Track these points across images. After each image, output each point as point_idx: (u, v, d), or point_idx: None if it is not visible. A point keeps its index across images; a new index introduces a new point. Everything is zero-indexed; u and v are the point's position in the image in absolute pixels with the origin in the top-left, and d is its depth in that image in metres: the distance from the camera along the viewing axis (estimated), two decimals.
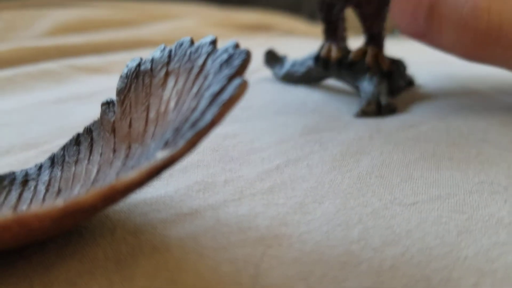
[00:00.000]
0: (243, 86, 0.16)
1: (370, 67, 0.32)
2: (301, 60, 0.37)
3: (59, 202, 0.15)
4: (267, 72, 0.38)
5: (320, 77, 0.36)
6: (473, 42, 0.25)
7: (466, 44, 0.25)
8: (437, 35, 0.27)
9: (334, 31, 0.34)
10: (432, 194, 0.19)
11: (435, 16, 0.26)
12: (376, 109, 0.29)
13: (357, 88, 0.33)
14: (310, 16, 0.92)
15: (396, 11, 0.28)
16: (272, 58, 0.39)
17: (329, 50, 0.34)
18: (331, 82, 0.37)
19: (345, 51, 0.34)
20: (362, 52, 0.33)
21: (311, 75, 0.36)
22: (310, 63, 0.35)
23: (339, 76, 0.34)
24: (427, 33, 0.27)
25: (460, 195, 0.19)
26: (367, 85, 0.31)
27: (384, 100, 0.30)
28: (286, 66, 0.38)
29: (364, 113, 0.29)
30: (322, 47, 0.34)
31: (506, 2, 0.24)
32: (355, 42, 0.38)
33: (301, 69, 0.36)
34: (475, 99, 0.31)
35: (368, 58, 0.32)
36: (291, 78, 0.37)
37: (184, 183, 0.21)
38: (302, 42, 0.65)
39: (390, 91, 0.32)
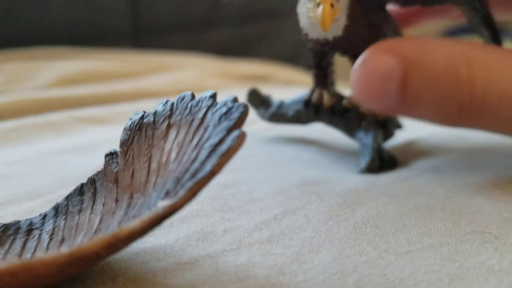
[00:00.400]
0: (241, 138, 0.17)
1: (364, 116, 0.32)
2: (289, 102, 0.36)
3: (65, 249, 0.15)
4: (265, 124, 0.39)
5: (310, 121, 0.35)
6: (455, 114, 0.23)
7: (447, 115, 0.23)
8: (413, 108, 0.23)
9: (324, 77, 0.33)
10: (425, 243, 0.20)
11: (411, 89, 0.22)
12: (379, 164, 0.29)
13: (351, 136, 0.33)
14: (308, 67, 0.94)
15: (357, 88, 0.23)
16: (256, 98, 0.38)
17: (320, 96, 0.33)
18: (326, 132, 0.37)
19: (337, 97, 0.33)
20: (352, 103, 0.32)
21: (300, 118, 0.35)
22: (300, 106, 0.34)
23: (330, 122, 0.33)
24: (400, 107, 0.23)
25: (452, 244, 0.20)
26: (365, 137, 0.31)
27: (385, 153, 0.30)
28: (273, 108, 0.37)
29: (368, 170, 0.29)
30: (312, 92, 0.34)
31: (488, 70, 0.22)
32: (342, 87, 0.39)
33: (290, 112, 0.35)
34: (470, 154, 0.32)
35: (363, 107, 0.31)
36: (279, 120, 0.36)
37: (184, 232, 0.21)
38: (300, 92, 0.66)
39: (384, 138, 0.32)
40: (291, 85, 0.73)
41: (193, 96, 0.21)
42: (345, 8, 0.26)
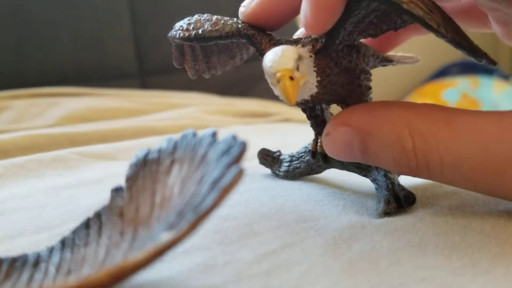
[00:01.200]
0: (240, 173, 0.18)
1: None
2: (298, 154, 0.35)
3: (72, 281, 0.16)
4: None
5: (322, 169, 0.34)
6: (411, 173, 0.25)
7: (406, 173, 0.26)
8: (378, 163, 0.27)
9: (322, 124, 0.32)
10: (418, 276, 0.20)
11: (370, 152, 0.26)
12: (396, 205, 0.28)
13: (365, 176, 0.31)
14: None
15: (329, 151, 0.28)
16: (266, 158, 0.37)
17: (322, 145, 0.32)
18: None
19: None
20: None
21: (313, 169, 0.34)
22: (309, 158, 0.34)
23: (342, 167, 0.33)
24: (368, 161, 0.27)
25: (443, 277, 0.20)
26: (378, 175, 0.30)
27: (401, 192, 0.28)
28: (285, 164, 0.36)
29: (386, 214, 0.27)
30: (316, 142, 0.32)
31: (427, 142, 0.24)
32: None
33: (301, 165, 0.35)
34: (461, 194, 0.32)
35: None
36: (293, 176, 0.36)
37: (186, 265, 0.22)
38: (299, 129, 0.67)
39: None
40: (290, 122, 0.74)
41: (195, 134, 0.22)
42: (311, 67, 0.26)
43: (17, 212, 0.31)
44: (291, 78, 0.24)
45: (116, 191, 0.23)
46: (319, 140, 0.32)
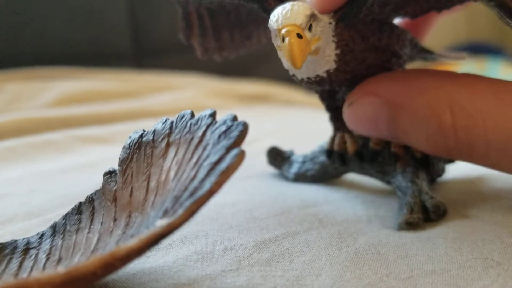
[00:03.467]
0: (240, 156, 0.17)
1: (398, 156, 0.26)
2: (311, 155, 0.31)
3: (60, 269, 0.15)
4: (265, 142, 0.39)
5: (338, 173, 0.30)
6: (445, 153, 0.22)
7: (440, 152, 0.23)
8: (407, 140, 0.23)
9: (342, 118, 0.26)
10: (427, 269, 0.19)
11: (399, 127, 0.23)
12: (422, 215, 0.24)
13: (387, 182, 0.27)
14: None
15: (351, 125, 0.25)
16: (276, 157, 0.33)
17: (342, 142, 0.28)
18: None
19: (362, 139, 0.28)
20: (381, 141, 0.27)
21: (327, 172, 0.30)
22: (323, 158, 0.30)
23: (361, 170, 0.28)
24: (395, 138, 0.24)
25: (454, 270, 0.19)
26: (402, 182, 0.25)
27: (429, 201, 0.24)
28: (296, 165, 0.32)
29: (408, 225, 0.23)
30: (333, 139, 0.29)
31: (472, 117, 0.21)
32: None
33: (314, 167, 0.30)
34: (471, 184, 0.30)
35: (395, 146, 0.26)
36: (305, 179, 0.31)
37: (182, 253, 0.21)
38: (301, 112, 0.67)
39: (430, 179, 0.27)
40: (291, 105, 0.73)
41: (192, 115, 0.21)
42: (329, 35, 0.22)
43: (8, 197, 0.30)
44: (299, 36, 0.21)
45: (109, 174, 0.22)
46: (336, 138, 0.28)
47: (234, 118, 0.19)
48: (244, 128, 0.18)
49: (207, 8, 0.29)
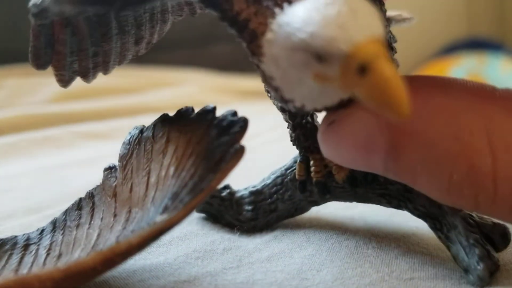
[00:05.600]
0: (240, 152, 0.17)
1: None
2: (268, 188, 0.23)
3: (61, 265, 0.15)
4: (266, 138, 0.39)
5: (318, 203, 0.23)
6: (472, 209, 0.16)
7: (462, 206, 0.16)
8: (412, 183, 0.16)
9: (312, 134, 0.21)
10: (429, 272, 0.19)
11: (402, 163, 0.16)
12: (492, 250, 0.18)
13: (399, 207, 0.21)
14: None
15: (329, 154, 0.17)
16: (209, 201, 0.24)
17: (321, 168, 0.21)
18: None
19: None
20: None
21: (300, 207, 0.23)
22: (291, 192, 0.22)
23: (352, 197, 0.22)
24: (392, 175, 0.16)
25: (457, 274, 0.19)
26: (431, 207, 0.19)
27: (493, 229, 0.19)
28: (247, 208, 0.23)
29: (492, 274, 0.18)
30: (305, 165, 0.22)
31: None
32: None
33: (279, 205, 0.23)
34: None
35: None
36: (267, 223, 0.23)
37: (183, 251, 0.21)
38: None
39: None
40: None
41: (192, 111, 0.20)
42: None
43: (8, 193, 0.30)
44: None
45: (109, 170, 0.22)
46: (311, 163, 0.21)
47: (234, 114, 0.19)
48: (244, 124, 0.18)
49: (86, 17, 0.19)
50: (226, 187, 0.24)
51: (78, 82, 0.19)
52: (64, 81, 0.21)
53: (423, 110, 0.15)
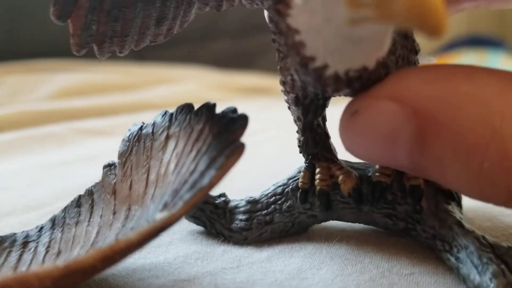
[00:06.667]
0: (240, 149, 0.17)
1: (420, 190, 0.19)
2: (266, 197, 0.22)
3: (60, 263, 0.15)
4: (266, 135, 0.39)
5: (317, 221, 0.22)
6: (502, 202, 0.15)
7: (492, 200, 0.15)
8: (438, 176, 0.16)
9: (323, 140, 0.21)
10: (429, 267, 0.19)
11: (430, 155, 0.15)
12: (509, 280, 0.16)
13: (406, 231, 0.20)
14: None
15: (350, 145, 0.17)
16: (202, 207, 0.22)
17: (327, 177, 0.20)
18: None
19: (357, 170, 0.21)
20: (390, 170, 0.19)
21: (299, 222, 0.21)
22: (291, 202, 0.21)
23: (356, 216, 0.21)
24: (418, 170, 0.16)
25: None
26: (441, 229, 0.19)
27: (507, 251, 0.17)
28: (240, 218, 0.22)
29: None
30: (310, 174, 0.21)
31: None
32: None
33: (275, 217, 0.21)
34: None
35: (411, 176, 0.19)
36: (260, 236, 0.22)
37: (183, 251, 0.21)
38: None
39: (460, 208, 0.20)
40: None
41: (192, 107, 0.20)
42: None
43: (7, 190, 0.30)
44: None
45: (109, 167, 0.22)
46: (317, 171, 0.21)
47: (234, 111, 0.18)
48: (245, 121, 0.18)
49: None
50: (222, 195, 0.23)
51: (77, 79, 0.19)
52: (79, 45, 0.20)
53: (452, 98, 0.14)
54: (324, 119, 0.21)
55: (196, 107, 0.20)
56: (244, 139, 0.17)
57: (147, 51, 0.22)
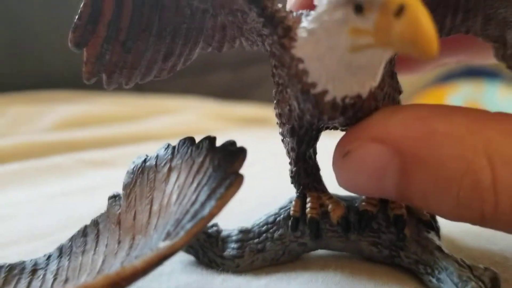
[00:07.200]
0: (239, 181, 0.18)
1: (404, 220, 0.20)
2: (258, 227, 0.23)
3: (69, 287, 0.16)
4: (264, 165, 0.40)
5: (307, 250, 0.23)
6: (476, 222, 0.17)
7: (468, 220, 0.17)
8: (423, 204, 0.18)
9: (313, 171, 0.22)
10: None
11: (414, 186, 0.17)
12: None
13: (390, 259, 0.21)
14: None
15: (344, 182, 0.19)
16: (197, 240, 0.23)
17: (318, 205, 0.22)
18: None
19: (344, 200, 0.22)
20: (375, 200, 0.21)
21: (290, 250, 0.22)
22: (282, 230, 0.22)
23: (343, 245, 0.22)
24: (405, 200, 0.18)
25: None
26: (423, 254, 0.20)
27: (485, 275, 0.19)
28: (233, 246, 0.23)
29: None
30: (301, 202, 0.22)
31: None
32: None
33: (267, 245, 0.22)
34: None
35: (395, 206, 0.21)
36: (251, 264, 0.22)
37: (184, 280, 0.22)
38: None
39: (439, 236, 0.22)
40: None
41: (193, 141, 0.21)
42: None
43: (14, 219, 0.31)
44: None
45: (114, 198, 0.23)
46: (308, 200, 0.22)
47: (234, 144, 0.20)
48: (243, 154, 0.19)
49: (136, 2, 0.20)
50: (214, 224, 0.23)
51: (79, 110, 0.20)
52: (91, 73, 0.21)
53: (430, 137, 0.17)
54: (315, 152, 0.22)
55: (197, 139, 0.21)
56: (243, 170, 0.18)
57: (148, 82, 0.23)
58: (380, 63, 0.17)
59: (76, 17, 0.20)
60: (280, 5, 0.19)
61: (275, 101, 0.21)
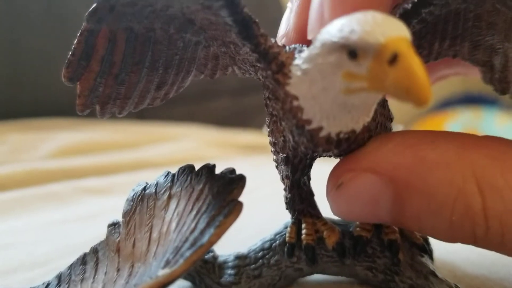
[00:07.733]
0: (238, 208, 0.18)
1: (398, 244, 0.21)
2: (255, 252, 0.23)
3: None
4: (264, 192, 0.40)
5: (303, 274, 0.23)
6: (469, 243, 0.18)
7: (462, 240, 0.18)
8: (418, 228, 0.18)
9: (308, 197, 0.22)
10: None
11: (408, 212, 0.18)
12: None
13: (386, 283, 0.21)
14: None
15: (339, 212, 0.19)
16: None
17: (313, 232, 0.22)
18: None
19: (339, 226, 0.22)
20: (369, 225, 0.21)
21: (286, 275, 0.22)
22: (278, 256, 0.22)
23: (339, 269, 0.22)
24: (400, 224, 0.19)
25: None
26: (418, 279, 0.21)
27: None
28: (229, 272, 0.23)
29: None
30: (296, 229, 0.22)
31: (503, 200, 0.16)
32: None
33: (263, 271, 0.22)
34: None
35: (389, 231, 0.21)
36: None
37: None
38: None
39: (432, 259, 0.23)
40: None
41: (193, 168, 0.22)
42: None
43: (13, 247, 0.31)
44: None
45: (113, 226, 0.23)
46: (303, 226, 0.22)
47: (233, 172, 0.20)
48: (242, 181, 0.19)
49: (128, 28, 0.20)
50: (210, 250, 0.23)
51: (78, 138, 0.20)
52: (84, 105, 0.21)
53: (421, 165, 0.17)
54: (309, 178, 0.22)
55: (196, 166, 0.22)
56: (242, 197, 0.18)
57: (148, 110, 0.23)
58: (374, 102, 0.18)
59: (70, 53, 0.20)
60: (273, 40, 0.19)
61: (268, 130, 0.21)
